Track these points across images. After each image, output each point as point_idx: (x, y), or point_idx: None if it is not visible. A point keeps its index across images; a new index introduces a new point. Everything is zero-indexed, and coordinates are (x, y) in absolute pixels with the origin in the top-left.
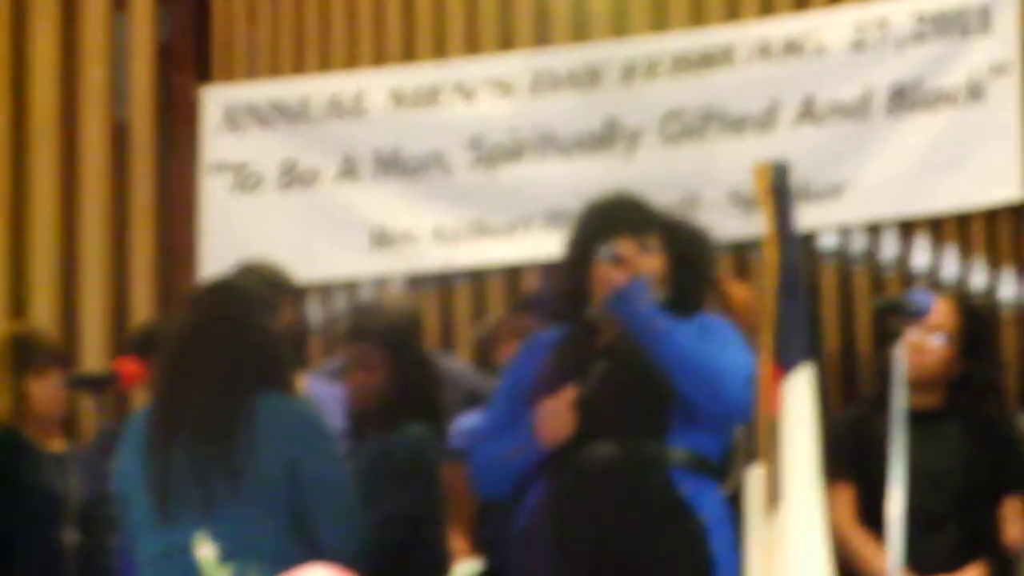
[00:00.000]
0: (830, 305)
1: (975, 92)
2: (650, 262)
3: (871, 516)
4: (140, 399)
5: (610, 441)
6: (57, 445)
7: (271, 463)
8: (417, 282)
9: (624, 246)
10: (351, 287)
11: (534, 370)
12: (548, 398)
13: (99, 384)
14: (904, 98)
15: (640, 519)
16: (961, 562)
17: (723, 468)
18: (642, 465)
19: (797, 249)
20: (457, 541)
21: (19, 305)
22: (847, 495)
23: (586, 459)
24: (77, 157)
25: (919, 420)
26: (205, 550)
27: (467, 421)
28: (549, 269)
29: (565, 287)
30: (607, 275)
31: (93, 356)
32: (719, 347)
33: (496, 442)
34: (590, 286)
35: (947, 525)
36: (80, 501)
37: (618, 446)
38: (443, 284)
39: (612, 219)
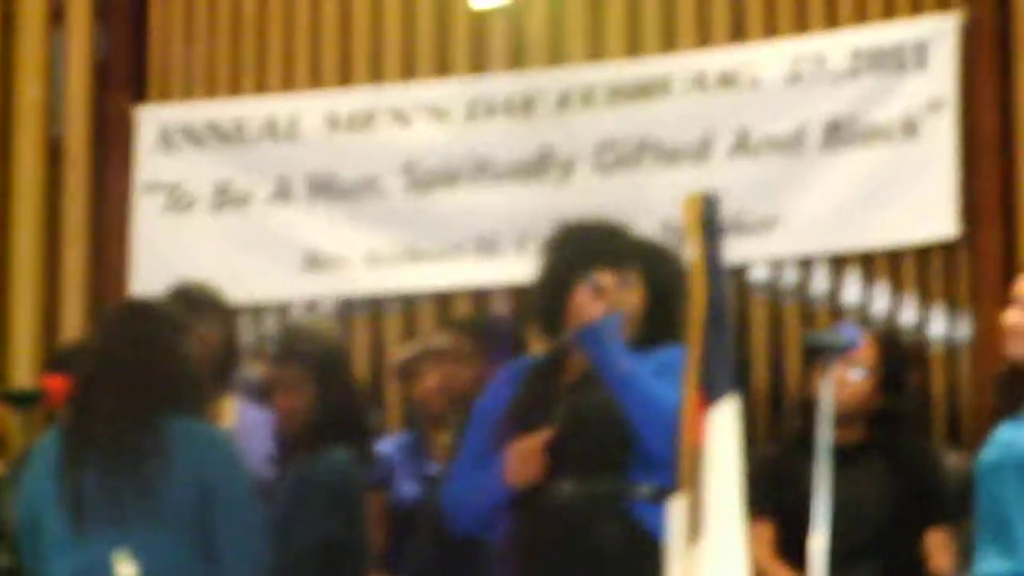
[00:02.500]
0: (759, 339)
1: (910, 128)
2: (629, 297)
3: (791, 552)
4: None
5: (572, 479)
6: None
7: (181, 486)
8: (347, 306)
9: (607, 277)
10: (282, 309)
11: (504, 404)
12: (517, 438)
13: (26, 401)
14: (838, 133)
15: (604, 554)
16: None
17: None
18: (604, 501)
19: (724, 281)
20: None
21: None
22: (767, 531)
23: (549, 497)
24: (11, 173)
25: (839, 455)
26: (126, 569)
27: (382, 448)
28: (483, 295)
29: (538, 312)
30: (585, 305)
31: (23, 374)
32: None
33: (466, 478)
34: (564, 313)
35: (868, 559)
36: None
37: (580, 484)
38: (374, 309)
39: (594, 248)
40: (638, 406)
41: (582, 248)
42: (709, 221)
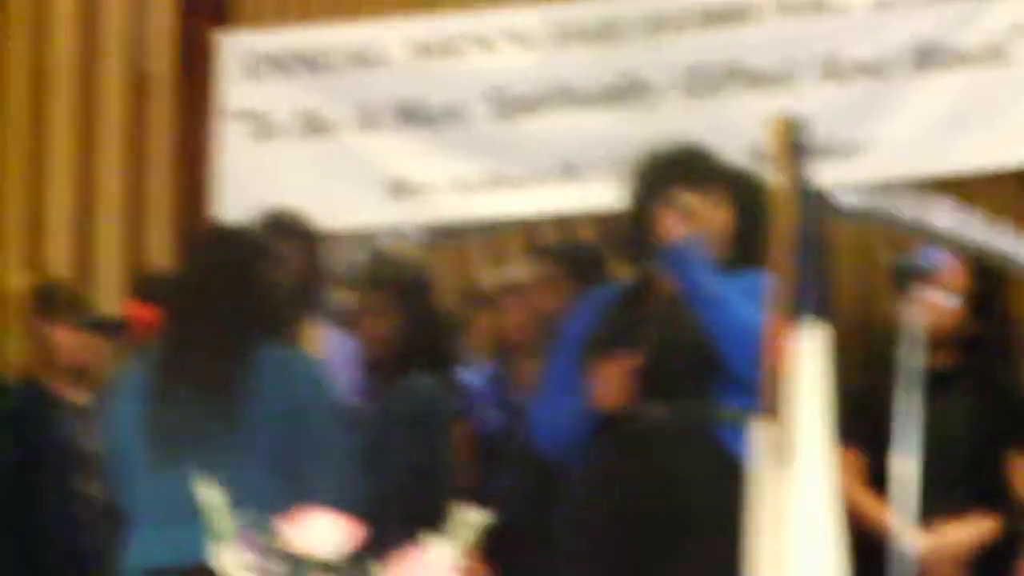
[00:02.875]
0: (848, 265)
1: (998, 52)
2: (717, 216)
3: (882, 479)
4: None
5: (658, 404)
6: (82, 396)
7: (270, 413)
8: (433, 233)
9: (693, 198)
10: (368, 237)
11: (590, 329)
12: (603, 363)
13: (111, 329)
14: (926, 57)
15: (689, 478)
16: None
17: None
18: (690, 425)
19: (810, 205)
20: None
21: (36, 251)
22: (856, 461)
23: (635, 421)
24: (96, 104)
25: (931, 380)
26: (210, 495)
27: (467, 378)
28: (569, 222)
29: (624, 236)
30: (671, 225)
31: (109, 304)
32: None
33: (553, 403)
34: (650, 237)
35: (957, 485)
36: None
37: (666, 408)
38: (459, 236)
39: (679, 170)
40: (724, 327)
41: (667, 170)
42: (795, 145)
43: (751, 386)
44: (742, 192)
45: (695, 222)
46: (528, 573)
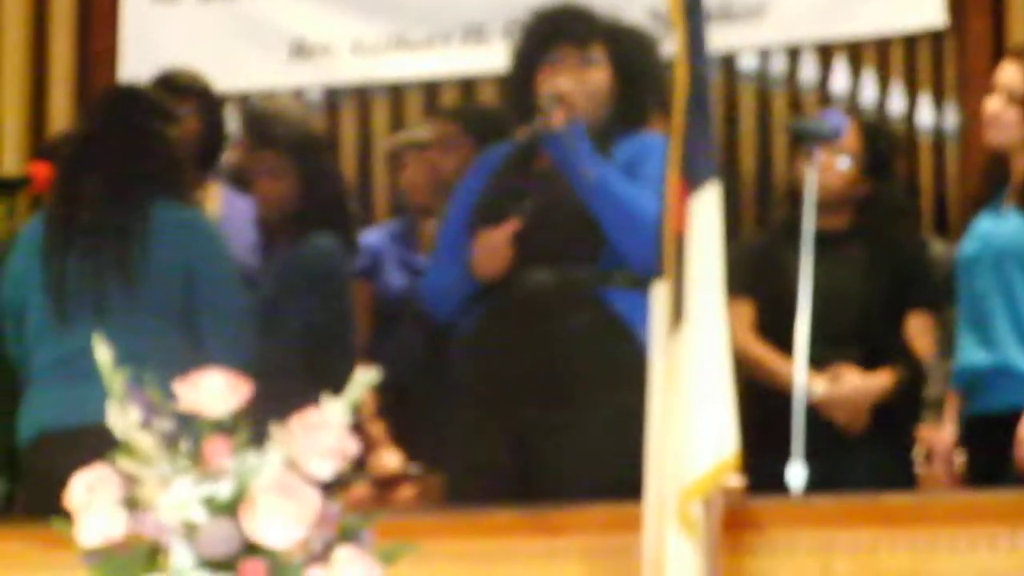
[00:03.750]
0: (748, 127)
1: None
2: (592, 75)
3: (770, 337)
4: None
5: (545, 268)
6: None
7: (165, 270)
8: (334, 94)
9: (564, 83)
10: (268, 98)
11: (479, 189)
12: (487, 228)
13: (11, 187)
14: None
15: (575, 340)
16: None
17: None
18: (576, 288)
19: (707, 67)
20: None
21: None
22: (745, 311)
23: (520, 286)
24: None
25: (824, 241)
26: (101, 353)
27: (370, 238)
28: (470, 83)
29: (509, 97)
30: (547, 118)
31: (11, 162)
32: (650, 191)
33: (443, 268)
34: (533, 97)
35: (851, 343)
36: None
37: (552, 272)
38: (360, 97)
39: (554, 29)
40: (609, 212)
41: (544, 29)
42: (692, 6)
43: (638, 264)
44: (623, 49)
45: (568, 109)
46: (423, 432)
